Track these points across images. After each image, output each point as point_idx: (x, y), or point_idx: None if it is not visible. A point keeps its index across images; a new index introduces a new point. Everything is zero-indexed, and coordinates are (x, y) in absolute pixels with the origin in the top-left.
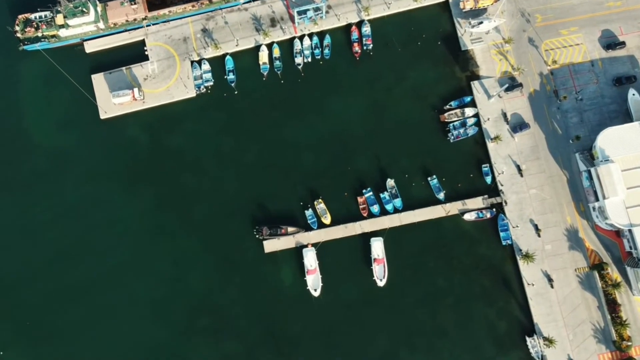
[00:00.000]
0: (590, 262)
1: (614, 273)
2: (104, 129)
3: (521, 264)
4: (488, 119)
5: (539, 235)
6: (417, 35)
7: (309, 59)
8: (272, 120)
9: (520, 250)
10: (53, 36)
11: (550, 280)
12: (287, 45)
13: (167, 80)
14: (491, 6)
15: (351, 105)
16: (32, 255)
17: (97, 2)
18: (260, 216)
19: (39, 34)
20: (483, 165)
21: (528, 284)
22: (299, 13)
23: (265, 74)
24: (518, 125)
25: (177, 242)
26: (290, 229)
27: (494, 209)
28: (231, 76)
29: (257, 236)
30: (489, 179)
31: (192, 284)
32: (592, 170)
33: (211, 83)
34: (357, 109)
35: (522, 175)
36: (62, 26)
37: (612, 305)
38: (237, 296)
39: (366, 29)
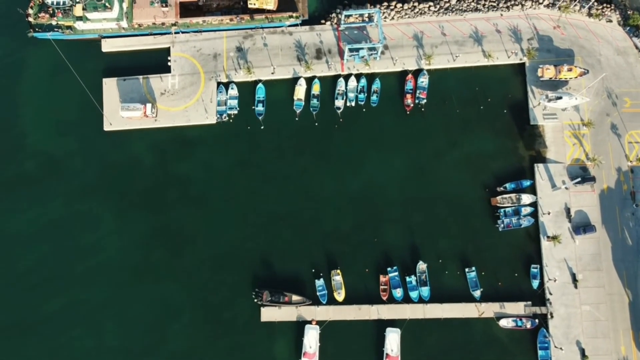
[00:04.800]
0: None
1: None
2: (105, 142)
3: None
4: (548, 213)
5: None
6: (481, 97)
7: (352, 103)
8: (297, 166)
9: None
10: (68, 27)
11: None
12: (329, 83)
13: (186, 99)
14: (574, 79)
15: (391, 165)
16: None
17: None
18: (263, 276)
19: (53, 22)
20: (532, 266)
21: None
22: (351, 50)
23: (298, 112)
24: (582, 226)
25: (163, 286)
26: (294, 298)
27: (536, 320)
28: (260, 107)
29: (255, 300)
30: (536, 283)
31: (171, 338)
32: None
33: (236, 111)
34: (397, 171)
35: (576, 287)
36: (79, 18)
37: None
38: None
39: (423, 80)
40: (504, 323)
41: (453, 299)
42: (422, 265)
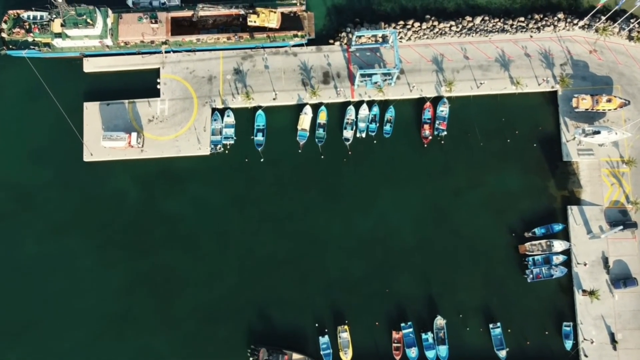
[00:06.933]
0: None
1: None
2: (85, 174)
3: None
4: (584, 264)
5: None
6: (507, 129)
7: (363, 134)
8: (300, 205)
9: None
10: (46, 44)
11: None
12: (337, 111)
13: (177, 127)
14: (613, 111)
15: (405, 205)
16: None
17: (109, 13)
18: (260, 330)
19: (29, 39)
20: (565, 324)
21: None
22: (363, 75)
23: (301, 143)
24: (622, 279)
25: (146, 339)
26: (295, 357)
27: None
28: (259, 137)
29: (250, 358)
30: (569, 344)
31: None
32: None
33: (232, 141)
34: (413, 211)
35: (615, 348)
36: (58, 35)
37: None
38: None
39: (443, 110)
40: None
41: (475, 359)
42: (440, 321)
